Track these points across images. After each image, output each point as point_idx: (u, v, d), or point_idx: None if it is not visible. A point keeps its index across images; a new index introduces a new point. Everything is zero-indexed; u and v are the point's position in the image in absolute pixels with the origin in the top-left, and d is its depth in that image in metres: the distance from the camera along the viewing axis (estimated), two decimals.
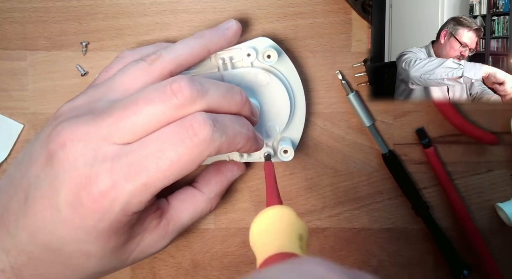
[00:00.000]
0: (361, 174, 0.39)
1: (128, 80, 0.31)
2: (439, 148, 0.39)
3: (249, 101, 0.31)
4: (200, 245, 0.39)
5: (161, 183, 0.28)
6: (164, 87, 0.27)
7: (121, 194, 0.27)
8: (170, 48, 0.32)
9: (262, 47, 0.35)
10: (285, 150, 0.36)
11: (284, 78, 0.36)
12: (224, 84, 0.30)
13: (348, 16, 0.38)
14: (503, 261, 0.39)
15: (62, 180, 0.27)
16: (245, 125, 0.30)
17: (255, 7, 0.37)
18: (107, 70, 0.34)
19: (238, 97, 0.30)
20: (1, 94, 0.37)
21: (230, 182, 0.36)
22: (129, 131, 0.27)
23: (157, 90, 0.28)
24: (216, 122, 0.28)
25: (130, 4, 0.37)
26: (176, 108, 0.27)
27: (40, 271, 0.30)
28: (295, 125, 0.37)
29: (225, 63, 0.35)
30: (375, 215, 0.39)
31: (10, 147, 0.37)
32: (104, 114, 0.28)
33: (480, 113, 0.38)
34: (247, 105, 0.31)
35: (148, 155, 0.27)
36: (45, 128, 0.30)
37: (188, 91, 0.27)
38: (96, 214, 0.27)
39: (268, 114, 0.36)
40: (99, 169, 0.27)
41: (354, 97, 0.38)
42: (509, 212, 0.37)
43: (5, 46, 0.37)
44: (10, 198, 0.29)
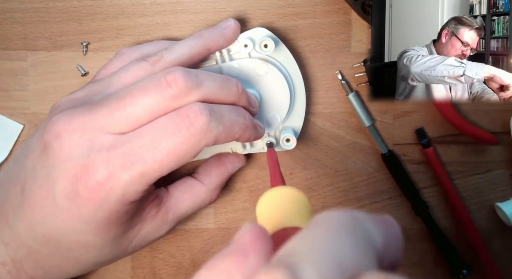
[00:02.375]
0: (361, 174, 0.39)
1: (128, 79, 0.31)
2: (439, 147, 0.39)
3: (245, 92, 0.31)
4: (200, 245, 0.39)
5: (157, 172, 0.28)
6: (159, 78, 0.28)
7: (117, 183, 0.27)
8: (171, 49, 0.32)
9: (258, 38, 0.35)
10: (287, 139, 0.36)
11: (282, 67, 0.36)
12: (220, 76, 0.30)
13: (348, 16, 0.38)
14: (503, 261, 0.39)
15: (58, 171, 0.28)
16: (241, 115, 0.30)
17: (255, 7, 0.37)
18: (106, 67, 0.34)
19: (234, 88, 0.30)
20: (2, 94, 0.38)
21: (230, 173, 0.37)
22: (125, 122, 0.28)
23: (152, 81, 0.28)
24: (212, 112, 0.28)
25: (130, 4, 0.37)
26: (171, 99, 0.28)
27: (40, 264, 0.30)
28: (296, 114, 0.37)
29: (222, 55, 0.35)
30: None
31: (10, 147, 0.37)
32: (99, 105, 0.28)
33: (480, 113, 0.38)
34: (244, 96, 0.31)
35: (144, 145, 0.27)
36: (43, 123, 0.31)
37: (182, 82, 0.27)
38: (93, 204, 0.27)
39: (269, 104, 0.36)
40: (95, 159, 0.27)
41: (354, 97, 0.38)
42: (508, 212, 0.37)
43: (6, 47, 0.37)
44: (8, 191, 0.30)
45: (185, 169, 0.38)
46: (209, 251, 0.39)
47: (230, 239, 0.39)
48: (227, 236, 0.39)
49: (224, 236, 0.39)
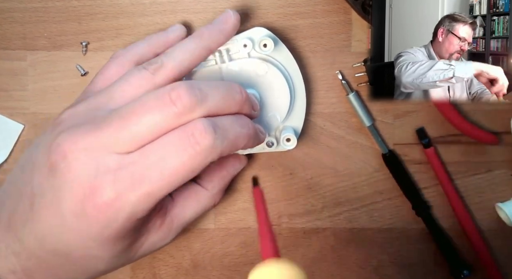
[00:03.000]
0: (361, 174, 0.39)
1: (130, 91, 0.30)
2: (439, 148, 0.39)
3: (249, 99, 0.31)
4: (200, 245, 0.39)
5: (164, 190, 0.28)
6: (163, 95, 0.27)
7: (125, 203, 0.27)
8: (171, 55, 0.32)
9: (258, 37, 0.35)
10: (287, 138, 0.36)
11: (282, 66, 0.36)
12: (223, 85, 0.30)
13: (348, 16, 0.38)
14: (503, 261, 0.39)
15: (65, 191, 0.28)
16: (245, 125, 0.30)
17: (255, 7, 0.37)
18: (102, 72, 0.33)
19: (238, 96, 0.30)
20: (1, 94, 0.37)
21: (232, 176, 0.37)
22: (129, 141, 0.27)
23: (156, 99, 0.27)
24: (217, 128, 0.28)
25: (130, 4, 0.37)
26: (176, 117, 0.27)
27: (50, 273, 0.30)
28: (296, 113, 0.37)
29: (222, 55, 0.35)
30: (375, 215, 0.39)
31: (10, 148, 0.37)
32: (103, 124, 0.28)
33: (480, 113, 0.38)
34: (248, 103, 0.31)
35: (150, 164, 0.27)
36: (46, 134, 0.30)
37: (187, 99, 0.27)
38: (101, 223, 0.28)
39: (269, 104, 0.36)
40: (102, 180, 0.27)
41: (354, 97, 0.38)
42: (509, 212, 0.37)
43: (5, 46, 0.37)
44: (16, 203, 0.29)
45: None
46: (209, 251, 0.39)
47: (230, 239, 0.39)
48: (227, 236, 0.39)
49: (224, 236, 0.39)
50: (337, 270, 0.40)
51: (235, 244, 0.39)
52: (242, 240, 0.39)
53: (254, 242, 0.39)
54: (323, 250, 0.40)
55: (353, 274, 0.40)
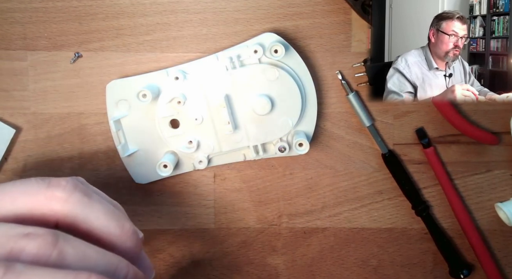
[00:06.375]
0: (361, 174, 0.39)
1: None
2: (439, 147, 0.39)
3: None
4: (200, 245, 0.39)
5: None
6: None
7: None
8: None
9: (268, 43, 0.35)
10: (300, 143, 0.36)
11: (293, 72, 0.36)
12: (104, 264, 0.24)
13: (348, 16, 0.38)
14: (503, 261, 0.39)
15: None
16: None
17: (255, 7, 0.37)
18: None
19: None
20: (2, 94, 0.38)
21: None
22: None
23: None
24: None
25: (130, 4, 0.37)
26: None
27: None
28: (308, 117, 0.37)
29: (232, 61, 0.35)
30: (375, 215, 0.39)
31: (3, 152, 0.37)
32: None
33: (480, 113, 0.38)
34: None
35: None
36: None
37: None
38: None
39: (281, 109, 0.36)
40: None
41: (354, 97, 0.38)
42: (508, 212, 0.37)
43: (6, 46, 0.37)
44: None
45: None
46: (209, 251, 0.39)
47: (230, 239, 0.39)
48: (227, 236, 0.39)
49: (224, 236, 0.39)
50: (337, 270, 0.40)
51: (235, 244, 0.39)
52: (242, 240, 0.39)
53: (254, 242, 0.39)
54: (323, 250, 0.40)
55: (353, 274, 0.40)
